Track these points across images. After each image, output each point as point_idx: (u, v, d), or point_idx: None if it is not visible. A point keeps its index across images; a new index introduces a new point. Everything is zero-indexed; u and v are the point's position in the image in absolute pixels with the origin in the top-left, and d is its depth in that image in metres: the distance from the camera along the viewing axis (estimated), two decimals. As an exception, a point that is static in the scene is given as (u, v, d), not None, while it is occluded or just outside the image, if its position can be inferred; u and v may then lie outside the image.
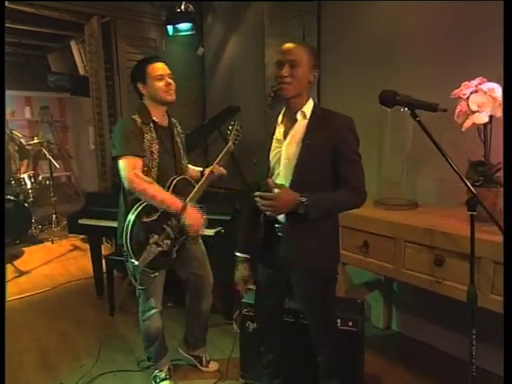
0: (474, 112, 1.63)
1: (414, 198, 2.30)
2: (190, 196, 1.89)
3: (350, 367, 1.93)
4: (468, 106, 1.63)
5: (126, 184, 1.76)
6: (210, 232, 2.64)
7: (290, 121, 1.53)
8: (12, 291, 3.43)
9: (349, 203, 1.52)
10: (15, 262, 4.17)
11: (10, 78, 6.36)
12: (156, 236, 1.81)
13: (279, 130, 1.56)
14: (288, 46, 1.47)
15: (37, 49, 5.87)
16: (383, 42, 2.46)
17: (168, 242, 1.85)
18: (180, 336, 2.48)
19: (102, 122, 3.72)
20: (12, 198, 4.55)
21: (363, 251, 2.11)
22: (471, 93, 1.64)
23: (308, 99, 1.53)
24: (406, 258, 1.93)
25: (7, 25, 4.54)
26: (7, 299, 3.25)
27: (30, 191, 4.94)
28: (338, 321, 1.92)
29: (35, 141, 5.31)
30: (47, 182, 5.32)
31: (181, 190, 1.88)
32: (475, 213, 1.40)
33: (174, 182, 1.87)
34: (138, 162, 1.79)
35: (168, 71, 1.89)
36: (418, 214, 2.09)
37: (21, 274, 3.88)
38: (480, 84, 1.66)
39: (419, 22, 2.28)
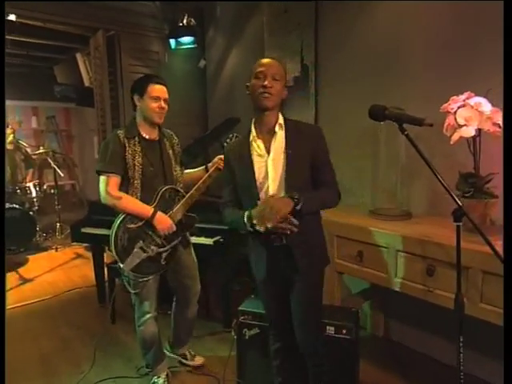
0: (461, 126, 1.68)
1: (409, 209, 2.35)
2: (180, 204, 2.04)
3: (345, 375, 1.97)
4: (455, 119, 1.68)
5: (101, 199, 1.97)
6: (209, 241, 2.69)
7: (268, 134, 1.60)
8: (15, 299, 3.49)
9: (331, 201, 1.66)
10: (19, 270, 4.24)
11: (18, 89, 6.52)
12: (141, 242, 1.95)
13: (258, 145, 1.60)
14: (269, 60, 1.58)
15: (44, 60, 6.03)
16: (381, 55, 2.52)
17: (154, 248, 1.98)
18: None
19: (106, 132, 3.80)
20: (17, 206, 4.64)
21: (358, 260, 2.15)
22: (459, 107, 1.69)
23: (278, 113, 1.62)
24: (398, 268, 1.97)
25: (15, 38, 4.68)
26: (10, 306, 3.32)
27: (34, 200, 5.04)
28: (332, 329, 1.96)
29: (41, 150, 5.42)
30: (52, 191, 5.42)
31: (170, 199, 2.03)
32: (461, 223, 1.44)
33: (160, 193, 2.00)
34: (113, 179, 1.94)
35: (165, 95, 2.00)
36: (412, 225, 2.13)
37: (24, 281, 3.94)
38: (468, 99, 1.71)
39: (417, 35, 2.33)
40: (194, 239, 2.58)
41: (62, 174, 5.22)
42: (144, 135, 2.03)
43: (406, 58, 2.42)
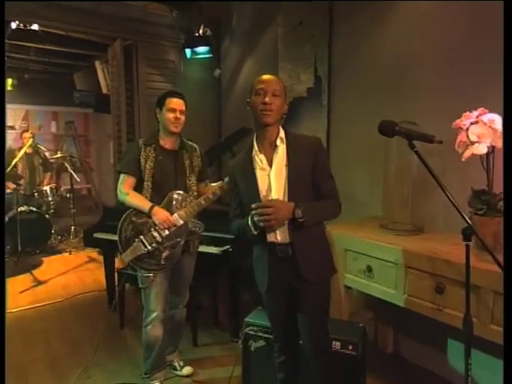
0: (473, 143, 1.65)
1: (420, 224, 2.31)
2: (185, 209, 2.15)
3: (351, 392, 1.94)
4: (467, 136, 1.66)
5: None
6: (218, 250, 2.71)
7: (270, 148, 1.63)
8: (29, 300, 3.56)
9: (333, 212, 1.67)
10: (34, 272, 4.32)
11: (39, 94, 6.71)
12: (142, 236, 2.11)
13: (260, 159, 1.63)
14: (269, 77, 1.61)
15: (64, 67, 6.19)
16: (393, 68, 2.51)
17: (154, 244, 2.11)
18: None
19: (121, 138, 3.88)
20: (34, 209, 4.75)
21: (367, 275, 2.13)
22: (471, 123, 1.67)
23: (279, 127, 1.66)
24: (407, 284, 1.94)
25: (38, 46, 4.83)
26: (23, 308, 3.39)
27: (51, 203, 5.14)
28: (338, 344, 1.94)
29: (58, 155, 5.54)
30: (68, 195, 5.52)
31: (177, 204, 2.18)
32: (470, 242, 1.41)
33: (168, 195, 2.16)
34: (127, 178, 2.18)
35: (182, 107, 2.15)
36: (422, 240, 2.09)
37: (38, 283, 4.02)
38: (481, 115, 1.69)
39: (429, 48, 2.32)
40: (203, 248, 2.61)
41: (78, 179, 5.33)
42: (162, 144, 2.21)
43: (418, 72, 2.40)
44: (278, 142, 1.63)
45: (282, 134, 1.65)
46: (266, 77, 1.61)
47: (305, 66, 3.08)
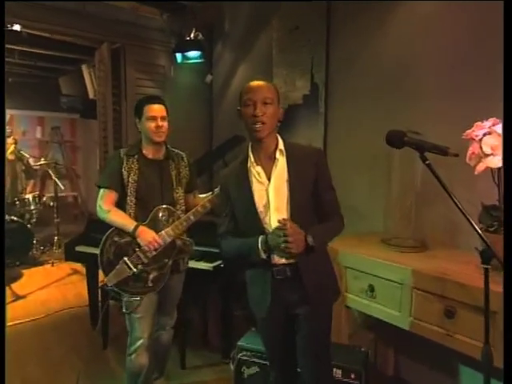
0: (487, 155, 1.53)
1: (424, 239, 2.18)
2: (173, 225, 1.97)
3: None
4: (481, 148, 1.53)
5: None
6: (209, 266, 2.54)
7: (268, 160, 1.50)
8: (5, 317, 3.34)
9: (339, 230, 1.56)
10: (12, 285, 4.09)
11: (24, 99, 6.49)
12: (126, 258, 1.93)
13: (257, 172, 1.49)
14: (257, 84, 1.46)
15: (50, 71, 6.01)
16: (394, 74, 2.39)
17: (140, 266, 1.93)
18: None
19: (108, 145, 3.71)
20: (15, 218, 4.53)
21: (369, 295, 1.98)
22: (484, 134, 1.55)
23: (277, 136, 1.53)
24: (414, 306, 1.80)
25: (23, 48, 4.65)
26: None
27: (33, 212, 4.92)
28: (340, 372, 1.79)
29: (42, 162, 5.32)
30: (51, 203, 5.30)
31: (164, 220, 2.00)
32: (490, 266, 1.28)
33: (153, 212, 1.98)
34: (108, 193, 1.99)
35: (162, 113, 1.98)
36: (428, 258, 1.96)
37: (17, 298, 3.80)
38: (494, 125, 1.57)
39: (432, 53, 2.21)
40: (192, 263, 2.44)
41: (62, 187, 5.12)
42: (146, 154, 2.03)
43: (420, 78, 2.29)
44: (278, 154, 1.49)
45: (281, 145, 1.51)
46: (253, 84, 1.45)
47: (301, 71, 2.96)
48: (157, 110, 1.96)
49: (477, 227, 1.27)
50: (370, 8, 2.51)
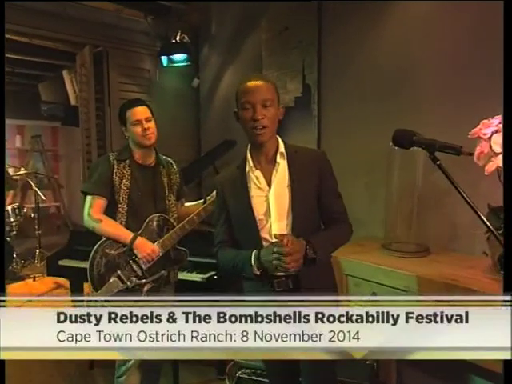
0: (497, 154, 1.46)
1: (425, 243, 2.11)
2: (168, 235, 1.87)
3: None
4: (490, 147, 1.46)
5: (83, 221, 1.88)
6: (202, 277, 2.41)
7: (268, 165, 1.41)
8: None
9: (346, 239, 1.48)
10: (-9, 303, 3.87)
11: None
12: (120, 271, 1.81)
13: (256, 177, 1.40)
14: (255, 83, 1.33)
15: (30, 78, 5.81)
16: (391, 75, 2.34)
17: (134, 279, 1.83)
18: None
19: (91, 153, 3.55)
20: (-7, 231, 4.31)
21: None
22: (493, 133, 1.48)
23: (277, 138, 1.43)
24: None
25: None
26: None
27: (13, 224, 4.69)
28: (345, 388, 1.69)
29: (22, 171, 5.11)
30: (32, 215, 5.09)
31: (158, 230, 1.89)
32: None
33: (147, 221, 1.87)
34: (97, 201, 1.85)
35: (146, 115, 1.87)
36: (433, 263, 1.89)
37: (-4, 316, 3.58)
38: (501, 123, 1.50)
39: (429, 54, 2.17)
40: (184, 275, 2.32)
41: (43, 197, 4.91)
42: (137, 159, 1.92)
43: (416, 79, 2.24)
44: (279, 157, 1.39)
45: (282, 147, 1.41)
46: (251, 85, 1.33)
47: (292, 73, 2.88)
48: (140, 112, 1.86)
49: (494, 230, 1.18)
50: (363, 7, 2.45)
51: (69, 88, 4.61)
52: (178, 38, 3.44)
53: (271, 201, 1.37)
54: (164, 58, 3.47)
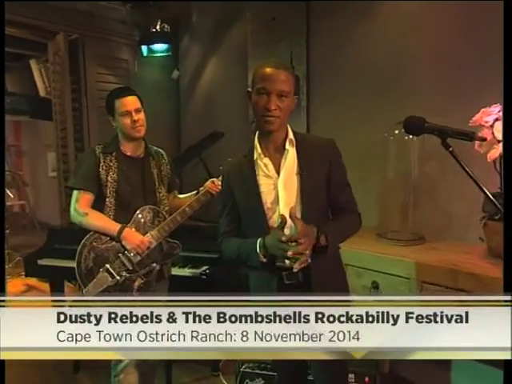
0: (500, 141, 1.50)
1: (419, 232, 2.15)
2: (158, 227, 1.82)
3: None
4: (493, 134, 1.50)
5: (70, 217, 1.85)
6: (194, 273, 2.35)
7: (277, 152, 1.38)
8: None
9: (356, 229, 1.45)
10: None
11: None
12: (109, 265, 1.76)
13: (265, 165, 1.37)
14: (275, 72, 1.28)
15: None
16: (382, 67, 2.34)
17: (125, 273, 1.78)
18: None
19: (67, 147, 3.37)
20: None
21: (373, 293, 1.91)
22: (495, 120, 1.52)
23: (287, 126, 1.40)
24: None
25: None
26: None
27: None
28: (352, 376, 1.70)
29: (-15, 168, 4.79)
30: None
31: (148, 222, 1.85)
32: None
33: (136, 214, 1.82)
34: (83, 195, 1.81)
35: (136, 105, 1.81)
36: (430, 250, 1.93)
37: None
38: (502, 111, 1.54)
39: (422, 46, 2.18)
40: (175, 270, 2.25)
41: (11, 195, 4.64)
42: (124, 151, 1.87)
43: (410, 71, 2.26)
44: (288, 144, 1.36)
45: (291, 134, 1.38)
46: (270, 71, 1.27)
47: (279, 65, 2.85)
48: (129, 102, 1.80)
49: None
50: (355, -3, 2.44)
51: (37, 79, 4.37)
52: (158, 27, 3.32)
53: (280, 188, 1.34)
54: (144, 48, 3.35)
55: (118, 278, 1.76)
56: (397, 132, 2.05)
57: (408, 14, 2.24)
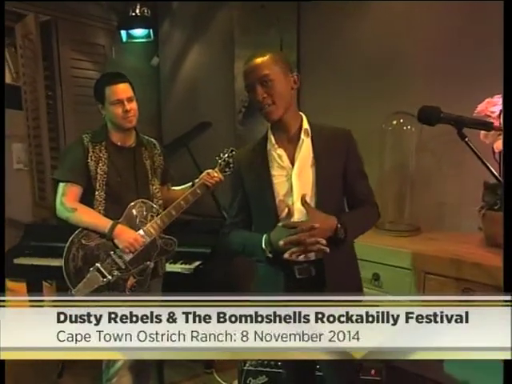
0: (507, 131, 1.50)
1: (414, 223, 2.16)
2: (152, 223, 1.75)
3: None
4: (500, 124, 1.50)
5: (56, 211, 1.76)
6: (187, 268, 2.28)
7: (291, 142, 1.33)
8: None
9: (374, 221, 1.45)
10: None
11: None
12: (99, 263, 1.68)
13: (279, 155, 1.32)
14: (250, 63, 1.26)
15: None
16: (375, 55, 2.31)
17: (116, 272, 1.70)
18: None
19: (41, 137, 3.15)
20: None
21: (374, 284, 1.90)
22: (501, 111, 1.52)
23: (300, 114, 1.36)
24: (427, 292, 1.75)
25: None
26: None
27: None
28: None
29: None
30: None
31: (141, 217, 1.77)
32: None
33: (129, 208, 1.74)
34: (71, 188, 1.73)
35: (128, 93, 1.73)
36: (429, 241, 1.94)
37: None
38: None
39: (416, 35, 2.17)
40: (168, 267, 2.16)
41: (-24, 189, 4.32)
42: (114, 141, 1.80)
43: (403, 60, 2.24)
44: (303, 134, 1.32)
45: (305, 124, 1.33)
46: (247, 66, 1.27)
47: (268, 53, 2.77)
48: (121, 90, 1.71)
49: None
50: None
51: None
52: (137, 10, 3.15)
53: (294, 179, 1.30)
54: (123, 33, 3.17)
55: (109, 277, 1.68)
56: (394, 122, 2.04)
57: (401, 3, 2.21)
